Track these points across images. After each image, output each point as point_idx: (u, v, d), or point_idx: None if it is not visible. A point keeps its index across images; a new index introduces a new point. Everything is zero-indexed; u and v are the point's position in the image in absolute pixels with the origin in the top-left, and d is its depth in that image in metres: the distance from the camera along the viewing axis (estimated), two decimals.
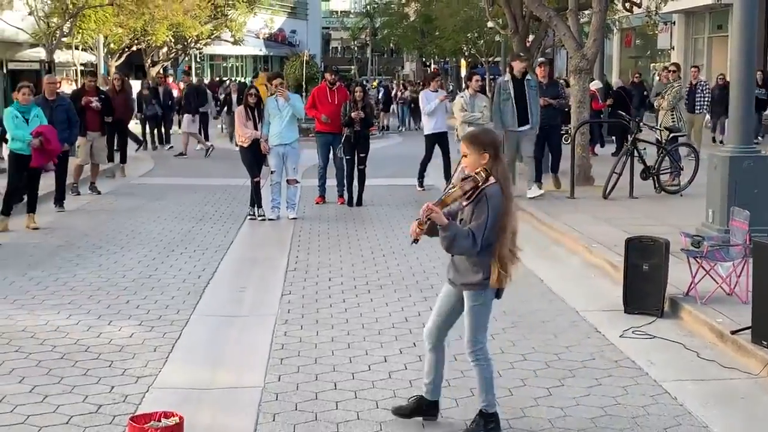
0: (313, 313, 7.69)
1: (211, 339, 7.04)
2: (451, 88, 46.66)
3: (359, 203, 13.77)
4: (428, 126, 15.23)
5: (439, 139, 15.10)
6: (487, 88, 24.35)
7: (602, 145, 21.71)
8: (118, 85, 18.12)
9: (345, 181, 13.87)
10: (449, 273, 5.12)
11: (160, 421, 4.60)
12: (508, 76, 13.74)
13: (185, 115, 23.06)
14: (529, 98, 13.40)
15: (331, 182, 14.16)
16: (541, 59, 15.92)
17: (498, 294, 5.09)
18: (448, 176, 14.68)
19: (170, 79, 33.16)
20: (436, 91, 15.32)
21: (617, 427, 5.24)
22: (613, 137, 21.79)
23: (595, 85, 20.53)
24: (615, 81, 25.66)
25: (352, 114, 13.38)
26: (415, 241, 4.88)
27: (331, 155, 13.98)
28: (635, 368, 6.28)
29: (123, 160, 17.99)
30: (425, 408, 5.27)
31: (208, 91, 25.73)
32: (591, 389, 5.85)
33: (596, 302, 8.08)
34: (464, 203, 4.90)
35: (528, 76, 13.68)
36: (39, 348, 6.60)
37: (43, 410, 5.37)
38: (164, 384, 5.93)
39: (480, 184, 4.81)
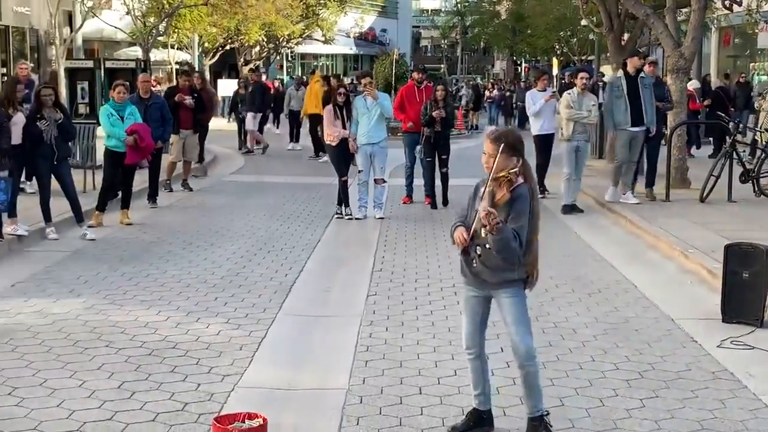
0: (399, 315, 7.61)
1: (297, 339, 7.02)
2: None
3: (444, 203, 13.60)
4: (535, 127, 14.57)
5: (546, 141, 14.51)
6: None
7: (698, 147, 21.13)
8: (199, 83, 18.17)
9: (428, 184, 13.73)
10: (474, 275, 4.98)
11: (243, 422, 4.56)
12: (620, 73, 13.32)
13: (248, 113, 22.63)
14: (644, 97, 12.91)
15: (419, 182, 14.06)
16: (651, 58, 15.19)
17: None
18: (542, 180, 14.38)
19: (264, 78, 33.49)
20: (544, 90, 14.62)
21: None
22: (711, 139, 21.20)
23: (693, 85, 20.01)
24: (713, 81, 24.93)
25: (434, 113, 13.22)
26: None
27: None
28: (733, 380, 6.02)
29: (200, 159, 18.03)
30: (480, 420, 5.13)
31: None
32: (686, 401, 5.62)
33: (692, 310, 7.80)
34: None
35: (642, 74, 13.20)
36: (128, 344, 6.67)
37: (130, 407, 5.41)
38: (249, 383, 5.92)
39: (516, 184, 4.80)
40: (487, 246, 4.83)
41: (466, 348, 5.15)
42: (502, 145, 4.79)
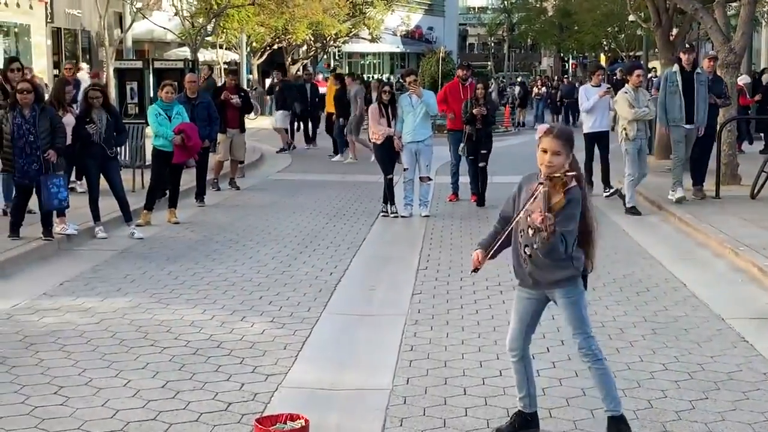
0: (444, 314, 7.52)
1: (341, 338, 6.96)
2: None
3: (481, 203, 13.39)
4: (587, 124, 14.04)
5: (598, 139, 14.04)
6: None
7: (750, 142, 20.72)
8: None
9: (469, 181, 13.57)
10: (528, 275, 4.88)
11: (285, 423, 4.51)
12: (676, 67, 12.92)
13: (278, 112, 22.42)
14: (697, 94, 12.59)
15: (464, 179, 13.94)
16: (711, 53, 14.72)
17: (586, 285, 4.96)
18: (607, 181, 13.99)
19: (320, 77, 33.47)
20: (598, 85, 14.06)
21: None
22: (762, 134, 20.77)
23: (743, 80, 19.61)
24: (765, 76, 24.42)
25: (474, 110, 13.07)
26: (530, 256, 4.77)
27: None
28: None
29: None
30: (525, 422, 5.02)
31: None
32: (738, 403, 5.45)
33: (743, 309, 7.60)
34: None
35: (699, 70, 12.86)
36: (174, 342, 6.66)
37: (174, 406, 5.39)
38: (293, 383, 5.87)
39: (569, 186, 4.66)
40: (534, 246, 4.73)
41: (509, 349, 5.04)
42: (569, 144, 4.68)
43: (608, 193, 13.80)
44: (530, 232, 4.73)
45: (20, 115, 9.57)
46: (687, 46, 14.72)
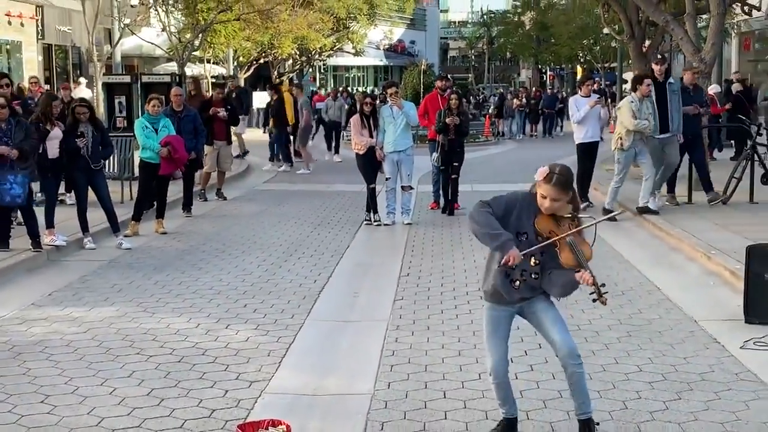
0: (424, 319, 7.48)
1: (324, 344, 6.90)
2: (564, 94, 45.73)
3: (450, 212, 13.25)
4: (579, 134, 13.52)
5: (590, 149, 13.59)
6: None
7: (720, 150, 20.80)
8: (193, 89, 17.61)
9: (441, 190, 13.52)
10: (516, 295, 4.70)
11: (267, 429, 4.46)
12: (648, 80, 12.57)
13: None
14: (670, 103, 12.41)
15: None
16: (694, 65, 14.59)
17: None
18: (585, 192, 13.47)
19: (322, 91, 33.08)
20: (588, 95, 13.63)
21: None
22: (732, 141, 20.86)
23: (714, 89, 19.69)
24: (735, 85, 24.55)
25: (447, 120, 13.03)
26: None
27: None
28: (757, 381, 5.82)
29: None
30: (511, 428, 4.92)
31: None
32: (710, 403, 5.43)
33: (715, 311, 7.59)
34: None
35: (671, 80, 12.73)
36: (159, 351, 6.59)
37: (158, 414, 5.32)
38: (276, 389, 5.81)
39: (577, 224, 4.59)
40: (533, 276, 4.65)
41: (495, 377, 4.79)
42: (568, 189, 4.53)
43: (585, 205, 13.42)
44: (533, 261, 4.61)
45: None
46: (659, 57, 14.73)
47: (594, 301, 4.55)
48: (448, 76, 15.61)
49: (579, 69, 51.10)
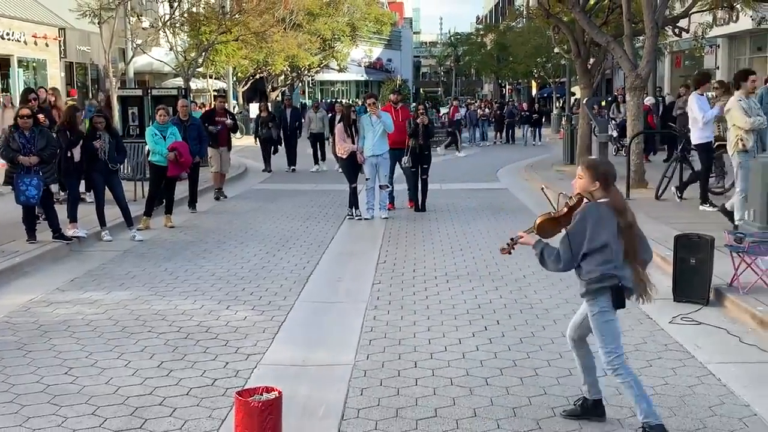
0: (399, 300, 7.52)
1: (312, 322, 6.93)
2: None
3: (423, 209, 13.20)
4: (703, 134, 11.44)
5: (710, 149, 11.69)
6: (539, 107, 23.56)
7: (654, 153, 20.97)
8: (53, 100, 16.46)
9: (411, 190, 13.44)
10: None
11: (262, 395, 4.47)
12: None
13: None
14: None
15: (401, 187, 13.80)
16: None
17: (616, 302, 4.37)
18: (706, 192, 11.87)
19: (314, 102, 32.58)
20: (703, 95, 11.63)
21: (666, 405, 4.92)
22: (665, 146, 21.04)
23: (649, 100, 19.86)
24: (668, 97, 24.78)
25: (418, 120, 12.96)
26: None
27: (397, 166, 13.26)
28: (683, 351, 5.92)
29: None
30: (590, 408, 4.72)
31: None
32: (642, 370, 5.51)
33: None
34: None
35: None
36: (168, 329, 6.60)
37: (167, 383, 5.34)
38: (270, 361, 5.84)
39: (573, 207, 4.47)
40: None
41: (568, 336, 4.75)
42: (588, 170, 4.48)
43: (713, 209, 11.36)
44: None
45: (22, 135, 9.48)
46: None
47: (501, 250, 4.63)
48: (400, 90, 15.49)
49: (533, 83, 51.27)
